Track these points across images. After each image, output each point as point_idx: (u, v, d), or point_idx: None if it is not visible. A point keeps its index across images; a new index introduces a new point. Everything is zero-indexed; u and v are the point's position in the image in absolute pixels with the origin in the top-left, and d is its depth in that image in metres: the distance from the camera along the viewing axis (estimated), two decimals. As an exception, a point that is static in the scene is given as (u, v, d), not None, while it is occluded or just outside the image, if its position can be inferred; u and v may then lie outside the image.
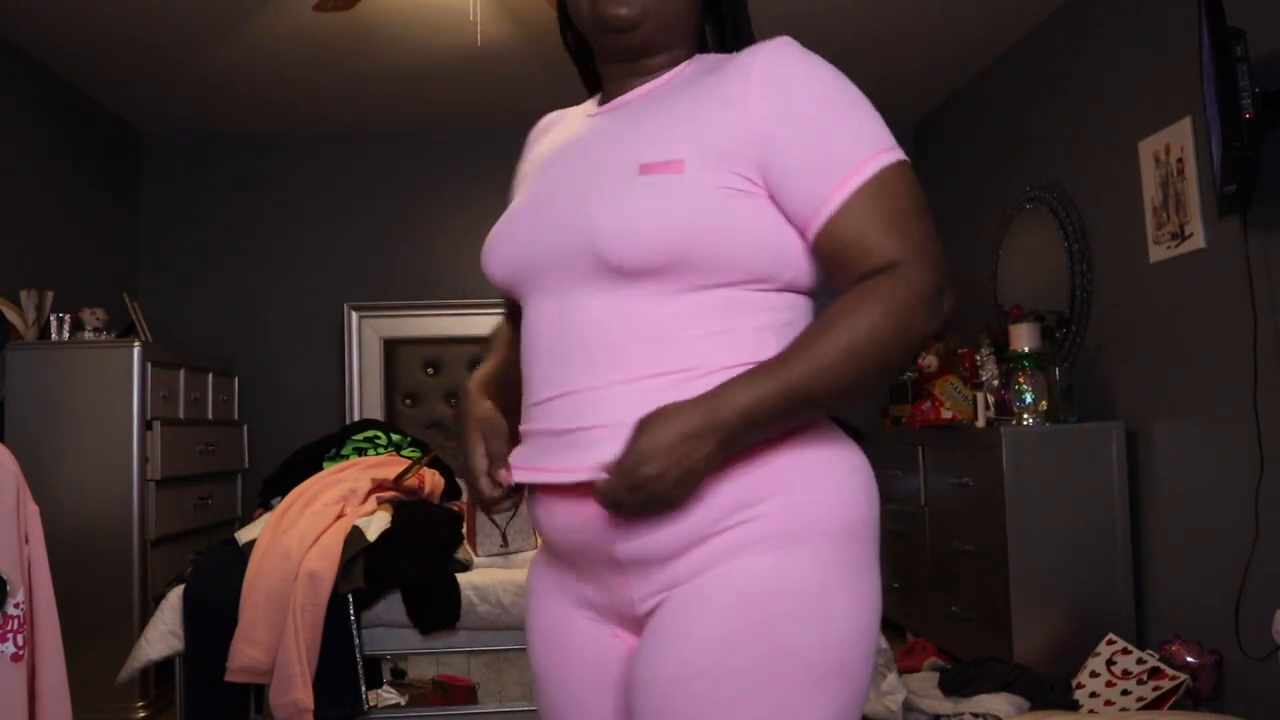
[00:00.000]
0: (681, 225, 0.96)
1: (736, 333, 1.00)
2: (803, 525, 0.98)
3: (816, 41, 1.22)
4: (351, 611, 2.64)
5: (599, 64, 1.18)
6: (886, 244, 0.97)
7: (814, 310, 1.07)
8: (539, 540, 2.95)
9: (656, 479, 0.93)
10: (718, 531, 0.98)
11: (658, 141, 1.02)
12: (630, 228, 0.97)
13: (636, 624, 1.06)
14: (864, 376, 0.95)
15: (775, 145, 0.98)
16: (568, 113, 1.26)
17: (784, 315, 1.03)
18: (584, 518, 1.02)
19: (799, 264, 1.02)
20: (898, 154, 1.00)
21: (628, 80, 1.14)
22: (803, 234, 1.01)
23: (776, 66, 1.00)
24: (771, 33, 1.08)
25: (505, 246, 1.10)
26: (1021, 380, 3.35)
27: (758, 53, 1.02)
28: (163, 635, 2.65)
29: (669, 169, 0.99)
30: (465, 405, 1.16)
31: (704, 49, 1.17)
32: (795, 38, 1.04)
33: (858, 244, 0.97)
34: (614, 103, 1.14)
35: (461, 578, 2.75)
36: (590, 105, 1.22)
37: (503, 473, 1.08)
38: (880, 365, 0.96)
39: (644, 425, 0.94)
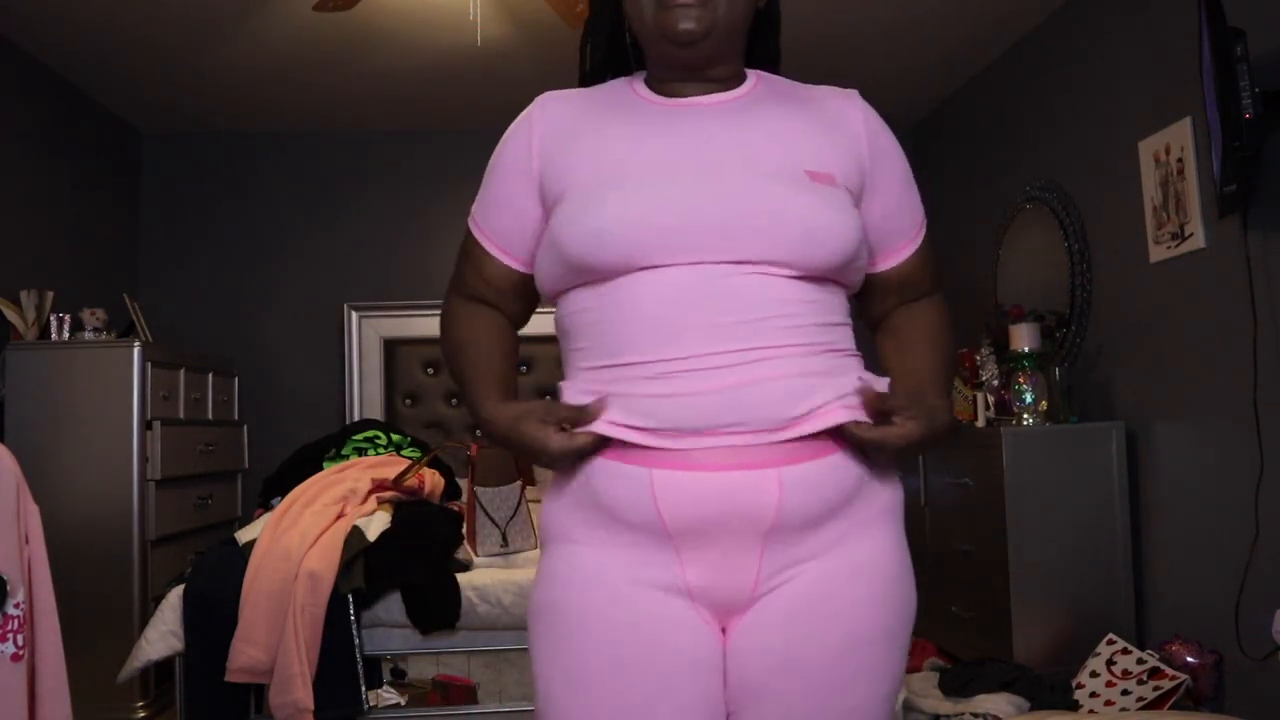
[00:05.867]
0: (856, 235, 1.11)
1: (851, 326, 1.18)
2: (898, 501, 1.16)
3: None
4: (351, 611, 2.64)
5: (653, 67, 1.21)
6: (930, 281, 1.29)
7: None
8: (537, 539, 2.95)
9: (948, 422, 1.13)
10: (843, 506, 1.08)
11: (809, 152, 1.14)
12: (830, 232, 1.09)
13: (735, 609, 1.09)
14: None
15: (876, 184, 1.19)
16: (593, 94, 1.23)
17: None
18: (747, 483, 1.02)
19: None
20: None
21: (694, 84, 1.18)
22: (873, 259, 1.22)
23: (872, 119, 1.21)
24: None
25: (648, 214, 1.07)
26: (1021, 380, 3.35)
27: (850, 99, 1.22)
28: (163, 635, 2.65)
29: (828, 181, 1.13)
30: (501, 420, 1.14)
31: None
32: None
33: (918, 279, 1.27)
34: (691, 100, 1.17)
35: (461, 578, 2.75)
36: (627, 91, 1.21)
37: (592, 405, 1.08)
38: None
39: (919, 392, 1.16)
